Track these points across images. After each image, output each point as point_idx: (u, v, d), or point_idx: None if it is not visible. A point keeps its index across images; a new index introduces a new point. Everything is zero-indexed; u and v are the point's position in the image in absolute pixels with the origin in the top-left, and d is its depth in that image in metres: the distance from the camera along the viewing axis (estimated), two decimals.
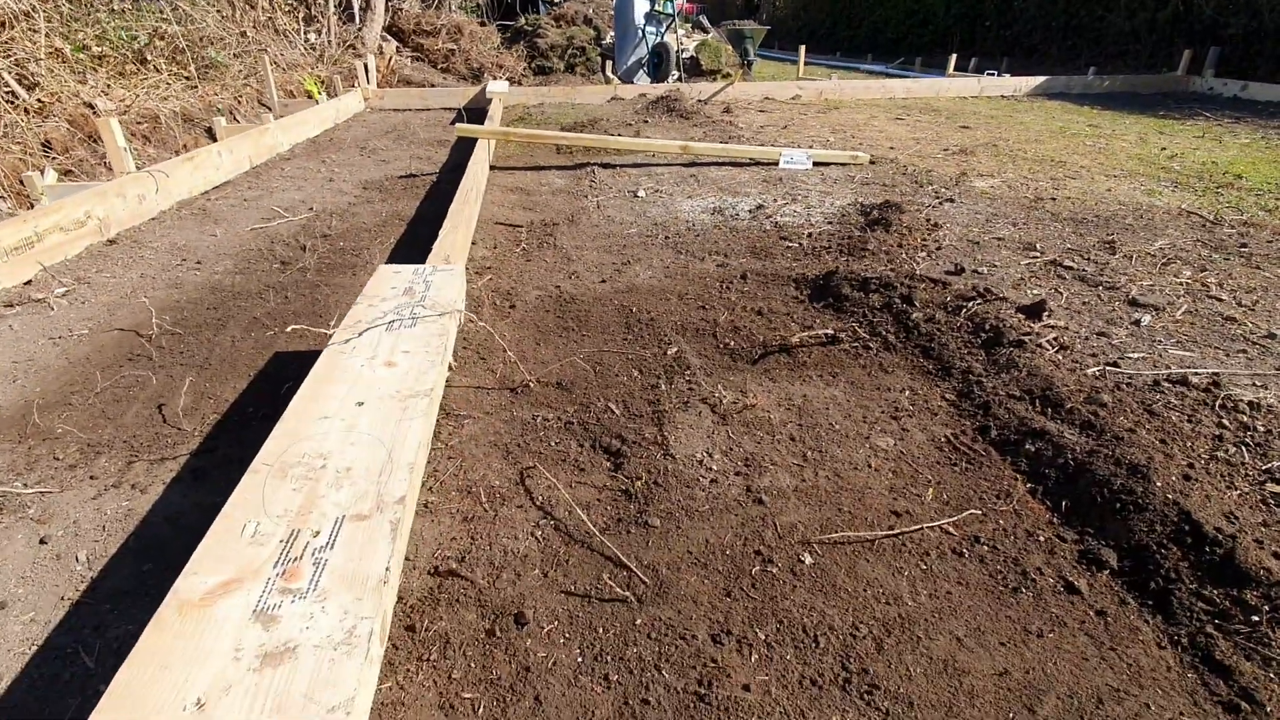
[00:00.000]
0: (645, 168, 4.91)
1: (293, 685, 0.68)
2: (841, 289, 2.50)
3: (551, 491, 1.54)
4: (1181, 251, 3.04)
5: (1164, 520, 1.31)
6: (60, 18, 5.24)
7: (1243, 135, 6.07)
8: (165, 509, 1.48)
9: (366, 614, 0.77)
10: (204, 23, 6.91)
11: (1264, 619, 1.13)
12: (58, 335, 2.33)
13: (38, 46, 4.81)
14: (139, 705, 0.67)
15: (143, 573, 1.32)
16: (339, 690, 0.67)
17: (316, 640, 0.73)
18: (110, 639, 1.17)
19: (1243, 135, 6.07)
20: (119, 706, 0.67)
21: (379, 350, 1.41)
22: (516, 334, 2.37)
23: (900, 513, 1.45)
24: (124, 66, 5.68)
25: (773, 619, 1.19)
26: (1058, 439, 1.58)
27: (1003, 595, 1.25)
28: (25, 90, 4.47)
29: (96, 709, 0.68)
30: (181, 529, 1.42)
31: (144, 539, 1.40)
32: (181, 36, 6.39)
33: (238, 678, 0.69)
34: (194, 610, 0.77)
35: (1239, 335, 2.20)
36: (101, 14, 5.63)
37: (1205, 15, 8.88)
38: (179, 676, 0.69)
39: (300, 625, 0.75)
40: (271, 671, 0.69)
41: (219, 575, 0.81)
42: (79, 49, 5.28)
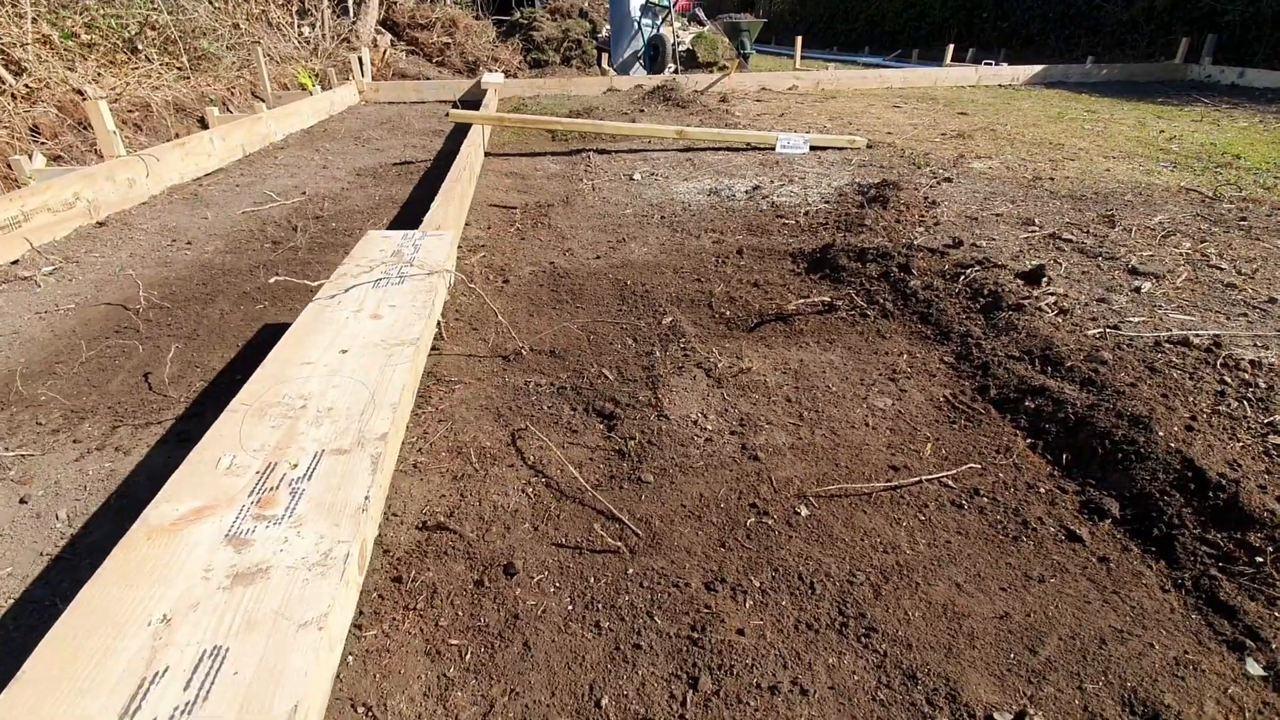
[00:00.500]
0: (641, 153, 4.88)
1: (264, 603, 0.65)
2: (839, 260, 2.47)
3: (543, 451, 1.51)
4: (1181, 225, 3.02)
5: (1167, 468, 1.29)
6: (48, 4, 5.21)
7: (1240, 119, 6.05)
8: (148, 469, 1.45)
9: (344, 538, 0.74)
10: (196, 13, 6.87)
11: (1268, 560, 1.10)
12: (44, 310, 2.30)
13: (24, 32, 4.77)
14: (102, 620, 0.64)
15: (123, 529, 1.28)
16: (312, 607, 0.64)
17: (290, 562, 0.71)
18: None
19: (1240, 119, 6.05)
20: (81, 621, 0.64)
21: (365, 304, 1.38)
22: (509, 306, 2.34)
23: (898, 467, 1.43)
24: (114, 55, 5.64)
25: (768, 567, 1.17)
26: (1058, 395, 1.56)
27: (1003, 544, 1.22)
28: (12, 76, 4.43)
29: (58, 622, 0.65)
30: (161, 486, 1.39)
31: (126, 497, 1.37)
32: (173, 26, 6.35)
33: (206, 596, 0.66)
34: (163, 535, 0.74)
35: (1240, 300, 2.17)
36: (90, 1, 5.59)
37: (1203, 2, 8.86)
38: (145, 594, 0.67)
39: (274, 548, 0.72)
40: (242, 590, 0.67)
41: (191, 503, 0.79)
42: (67, 36, 5.25)
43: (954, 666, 0.97)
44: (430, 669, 0.98)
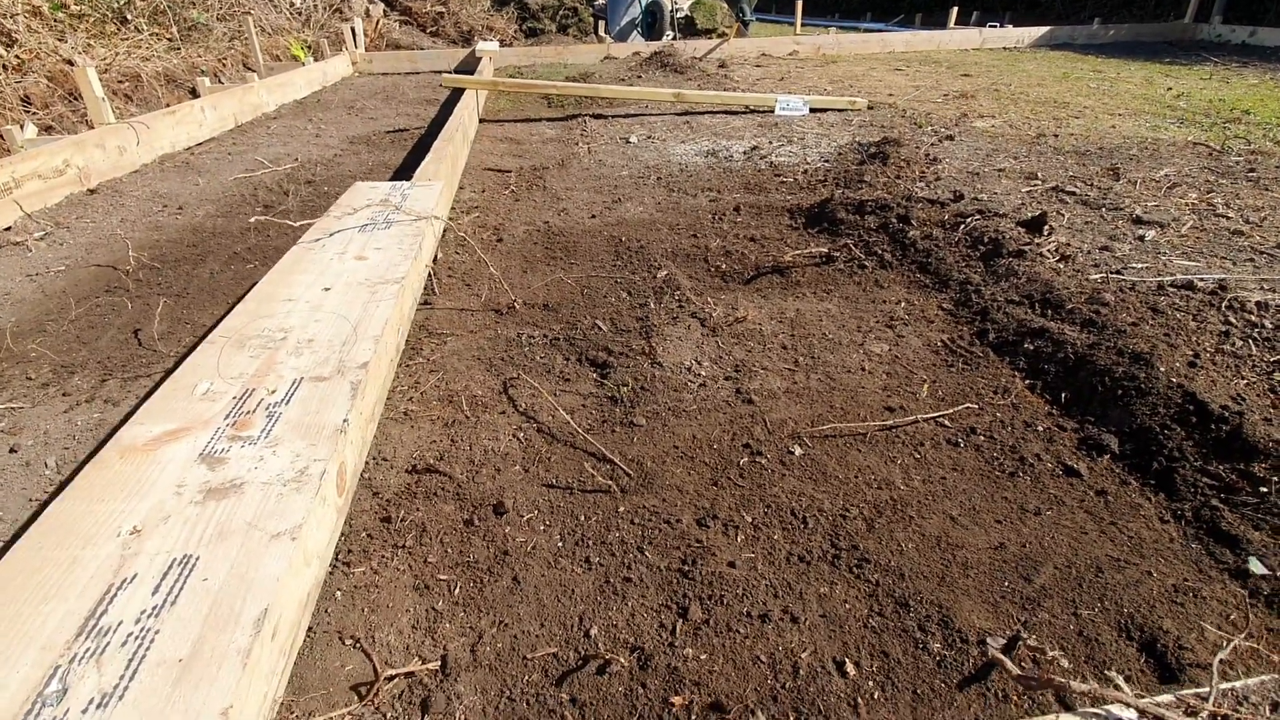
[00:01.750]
0: (638, 117, 4.80)
1: (236, 515, 0.64)
2: (837, 214, 2.43)
3: (535, 399, 1.50)
4: (1188, 177, 2.96)
5: (1168, 403, 1.26)
6: None
7: (1250, 77, 5.92)
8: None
9: (320, 457, 0.73)
10: None
11: (1273, 489, 1.08)
12: (34, 273, 2.28)
13: (14, 3, 4.69)
14: (69, 533, 0.63)
15: None
16: (286, 520, 0.63)
17: (265, 479, 0.69)
18: None
19: (1250, 77, 5.92)
20: (48, 534, 0.63)
21: (350, 247, 1.35)
22: (503, 263, 2.31)
23: (894, 408, 1.41)
24: (104, 26, 5.55)
25: (760, 504, 1.15)
26: (1058, 336, 1.53)
27: (999, 480, 1.20)
28: (3, 47, 4.36)
29: (23, 536, 0.64)
30: None
31: None
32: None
33: (178, 509, 0.65)
34: (136, 454, 0.73)
35: (1247, 247, 2.13)
36: None
37: None
38: (115, 508, 0.65)
39: (249, 466, 0.71)
40: (215, 504, 0.65)
41: (165, 425, 0.77)
42: (57, 7, 5.16)
43: (947, 594, 0.96)
44: (419, 603, 0.98)
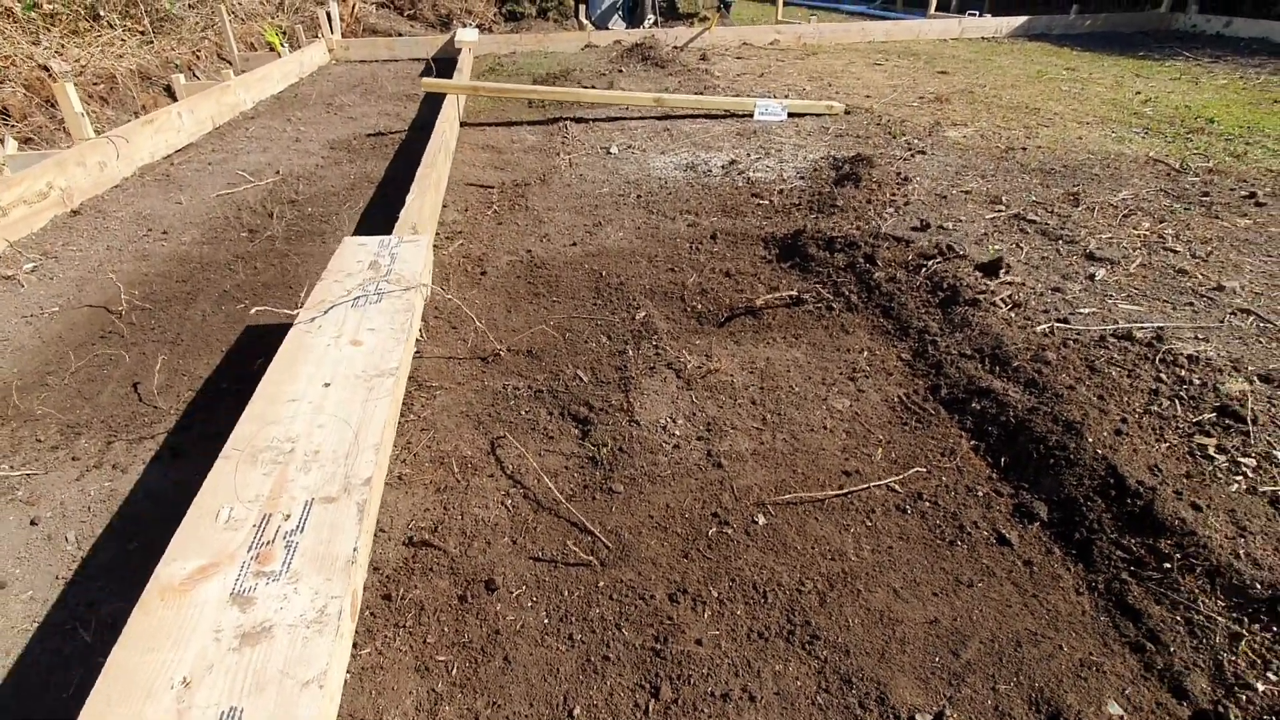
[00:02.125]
0: (619, 121, 4.84)
1: (270, 662, 0.75)
2: (808, 249, 2.54)
3: (521, 460, 1.61)
4: (1144, 202, 3.09)
5: (1092, 475, 1.41)
6: None
7: (1220, 75, 6.05)
8: (146, 488, 1.54)
9: (336, 594, 0.83)
10: None
11: (1175, 566, 1.23)
12: (29, 314, 2.33)
13: None
14: (132, 685, 0.73)
15: (129, 551, 1.38)
16: (312, 666, 0.74)
17: (290, 620, 0.80)
18: (104, 615, 1.24)
19: (1220, 75, 6.05)
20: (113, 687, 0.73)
21: (344, 328, 1.44)
22: (487, 301, 2.40)
23: (851, 472, 1.54)
24: (76, 24, 5.44)
25: (726, 577, 1.28)
26: (1002, 397, 1.66)
27: (939, 548, 1.34)
28: None
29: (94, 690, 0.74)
30: (163, 506, 1.48)
31: (127, 518, 1.46)
32: None
33: (219, 657, 0.76)
34: (175, 595, 0.83)
35: (1188, 288, 2.27)
36: None
37: None
38: (166, 657, 0.76)
39: (275, 606, 0.82)
40: (250, 650, 0.76)
41: (197, 560, 0.88)
42: (29, 7, 5.05)
43: (885, 671, 1.10)
44: (420, 684, 1.10)
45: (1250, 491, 1.41)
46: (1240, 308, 2.13)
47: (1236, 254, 2.57)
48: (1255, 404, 1.65)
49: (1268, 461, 1.48)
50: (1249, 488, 1.42)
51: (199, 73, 6.44)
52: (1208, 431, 1.57)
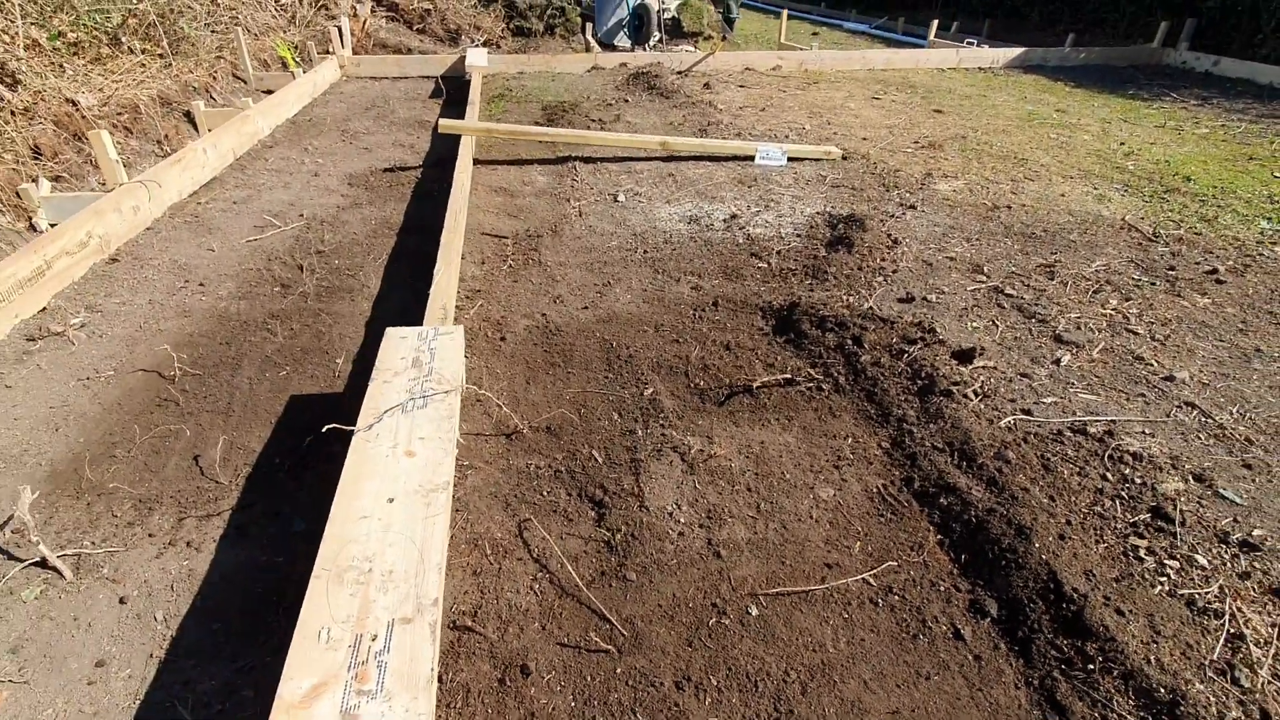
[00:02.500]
0: (625, 162, 5.05)
1: None
2: (801, 324, 2.77)
3: (545, 544, 1.84)
4: (1115, 275, 3.34)
5: (1036, 578, 1.65)
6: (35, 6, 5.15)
7: (1204, 122, 6.30)
8: (221, 568, 1.76)
9: (422, 711, 1.06)
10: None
11: (1098, 667, 1.47)
12: (86, 376, 2.54)
13: (15, 41, 4.76)
14: None
15: (213, 631, 1.61)
16: None
17: None
18: (200, 693, 1.47)
19: (1204, 122, 6.30)
20: None
21: (399, 437, 1.67)
22: (508, 370, 2.62)
23: (832, 565, 1.78)
24: (99, 51, 5.61)
25: (724, 666, 1.52)
26: (966, 495, 1.90)
27: (904, 641, 1.58)
28: (9, 90, 4.47)
29: None
30: (238, 589, 1.71)
31: (207, 598, 1.69)
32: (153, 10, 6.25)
33: None
34: (297, 712, 1.06)
35: (1143, 377, 2.52)
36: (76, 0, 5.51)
37: None
38: None
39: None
40: None
41: (310, 679, 1.10)
42: (55, 37, 5.22)
43: None
44: None
45: (1170, 594, 1.65)
46: (1186, 400, 2.38)
47: (1193, 336, 2.81)
48: (1185, 505, 1.89)
49: (1189, 564, 1.73)
50: (1169, 590, 1.66)
51: (215, 94, 6.62)
52: (1141, 533, 1.81)
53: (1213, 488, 1.99)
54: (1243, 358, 2.66)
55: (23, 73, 4.66)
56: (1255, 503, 1.95)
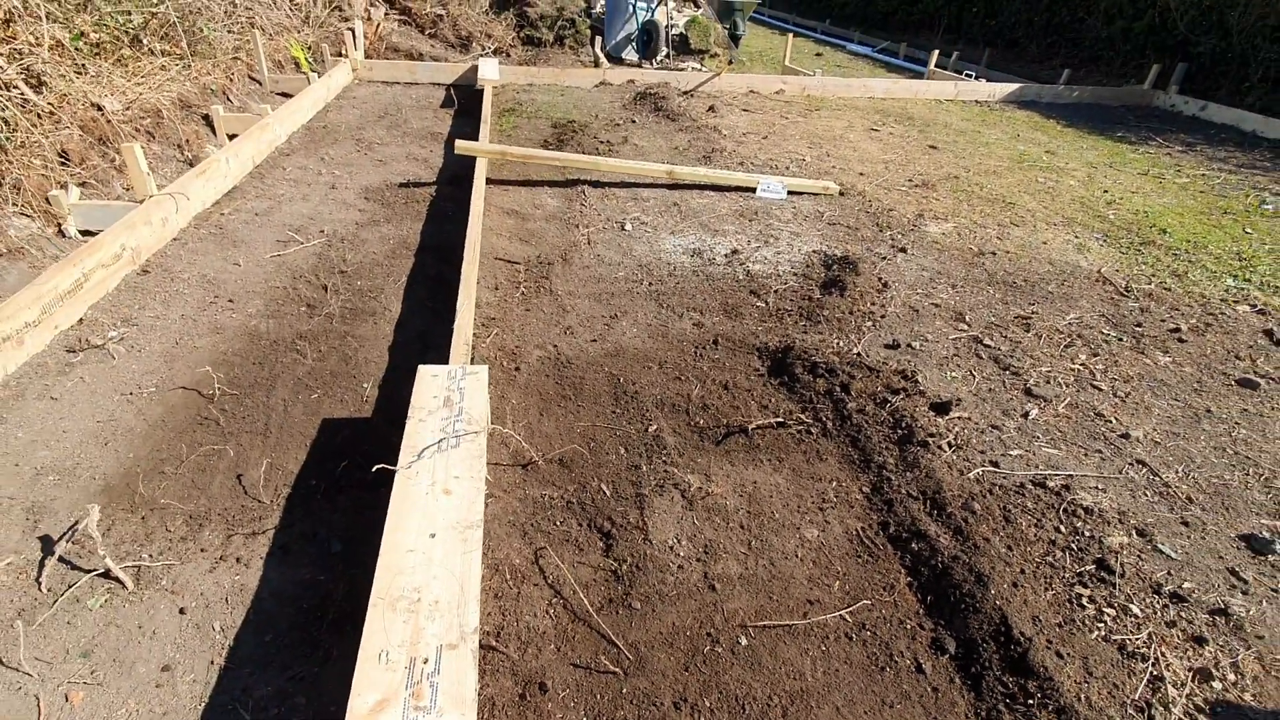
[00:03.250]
0: (633, 189, 5.27)
1: None
2: (794, 368, 3.00)
3: (559, 571, 2.06)
4: (1086, 329, 3.59)
5: (990, 621, 1.88)
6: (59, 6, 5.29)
7: (1186, 170, 6.60)
8: (269, 585, 1.97)
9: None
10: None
11: (1036, 703, 1.71)
12: (129, 391, 2.73)
13: (41, 42, 4.90)
14: None
15: (266, 643, 1.81)
16: None
17: None
18: (258, 698, 1.68)
19: (1186, 170, 6.60)
20: None
21: (436, 475, 1.88)
22: (523, 401, 2.84)
23: (814, 601, 2.01)
24: (120, 52, 5.75)
25: (716, 690, 1.75)
26: (935, 541, 2.14)
27: (873, 673, 1.82)
28: (34, 93, 4.61)
29: None
30: (286, 603, 1.91)
31: (259, 612, 1.89)
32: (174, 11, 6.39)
33: None
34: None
35: (1101, 433, 2.77)
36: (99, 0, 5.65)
37: (1178, 31, 9.25)
38: None
39: None
40: None
41: (374, 695, 1.31)
42: (77, 38, 5.36)
43: None
44: None
45: (1105, 639, 1.89)
46: (1138, 458, 2.63)
47: (1151, 395, 3.07)
48: (1126, 558, 2.14)
49: (1124, 613, 1.97)
50: (1104, 635, 1.90)
51: (232, 96, 6.78)
52: (1085, 583, 2.05)
53: (1152, 542, 2.24)
54: (1194, 418, 2.91)
55: (48, 74, 4.81)
56: (1188, 557, 2.20)
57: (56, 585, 1.95)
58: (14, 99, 4.37)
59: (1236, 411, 2.98)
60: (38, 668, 1.75)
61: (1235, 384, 3.17)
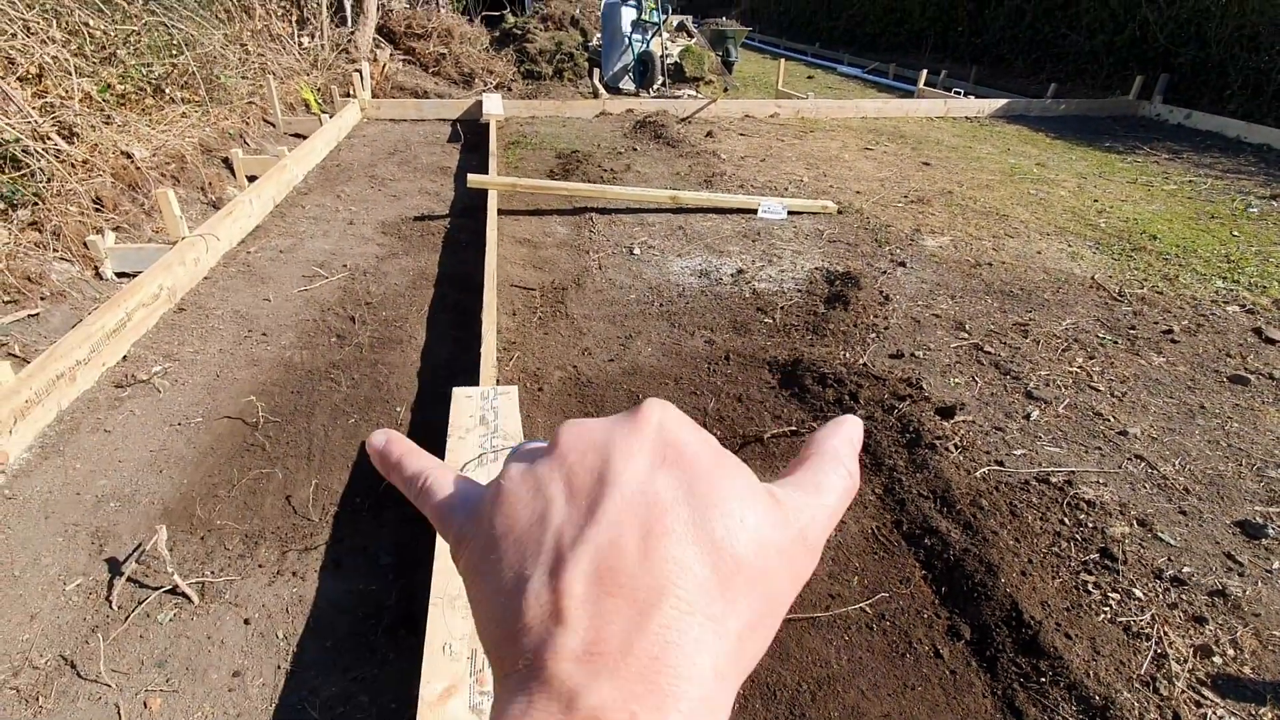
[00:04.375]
0: (638, 214, 5.47)
1: None
2: (804, 380, 3.15)
3: None
4: (1082, 333, 3.74)
5: (1001, 607, 2.01)
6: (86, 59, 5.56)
7: (1174, 177, 6.79)
8: (325, 596, 2.10)
9: None
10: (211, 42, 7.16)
11: (1048, 680, 1.83)
12: (176, 422, 2.89)
13: (71, 95, 5.16)
14: None
15: (327, 648, 1.95)
16: None
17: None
18: (324, 699, 1.81)
19: (1174, 177, 6.79)
20: None
21: None
22: (548, 420, 2.99)
23: (834, 595, 2.14)
24: (145, 102, 6.02)
25: (748, 679, 1.87)
26: (946, 536, 2.27)
27: (894, 659, 1.94)
28: (68, 144, 4.85)
29: None
30: (342, 612, 2.05)
31: (318, 620, 2.03)
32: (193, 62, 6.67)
33: None
34: (437, 707, 1.40)
35: (1100, 432, 2.90)
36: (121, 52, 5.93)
37: (1159, 43, 9.52)
38: None
39: None
40: None
41: (441, 683, 1.44)
42: (104, 89, 5.62)
43: None
44: None
45: (1110, 621, 2.02)
46: (1136, 453, 2.76)
47: (1147, 393, 3.21)
48: (1129, 546, 2.27)
49: (1128, 597, 2.10)
50: (1110, 618, 2.03)
51: (249, 139, 7.03)
52: (1090, 570, 2.18)
53: (1153, 531, 2.36)
54: (1188, 414, 3.05)
55: (79, 126, 5.05)
56: (1187, 544, 2.33)
57: (127, 603, 2.09)
58: (49, 150, 4.60)
59: (1229, 407, 3.11)
60: (116, 679, 1.88)
61: (1227, 381, 3.31)
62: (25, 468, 2.60)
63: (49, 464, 2.62)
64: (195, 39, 6.91)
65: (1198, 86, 9.28)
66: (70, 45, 5.49)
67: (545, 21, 11.27)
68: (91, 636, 1.99)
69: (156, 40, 6.40)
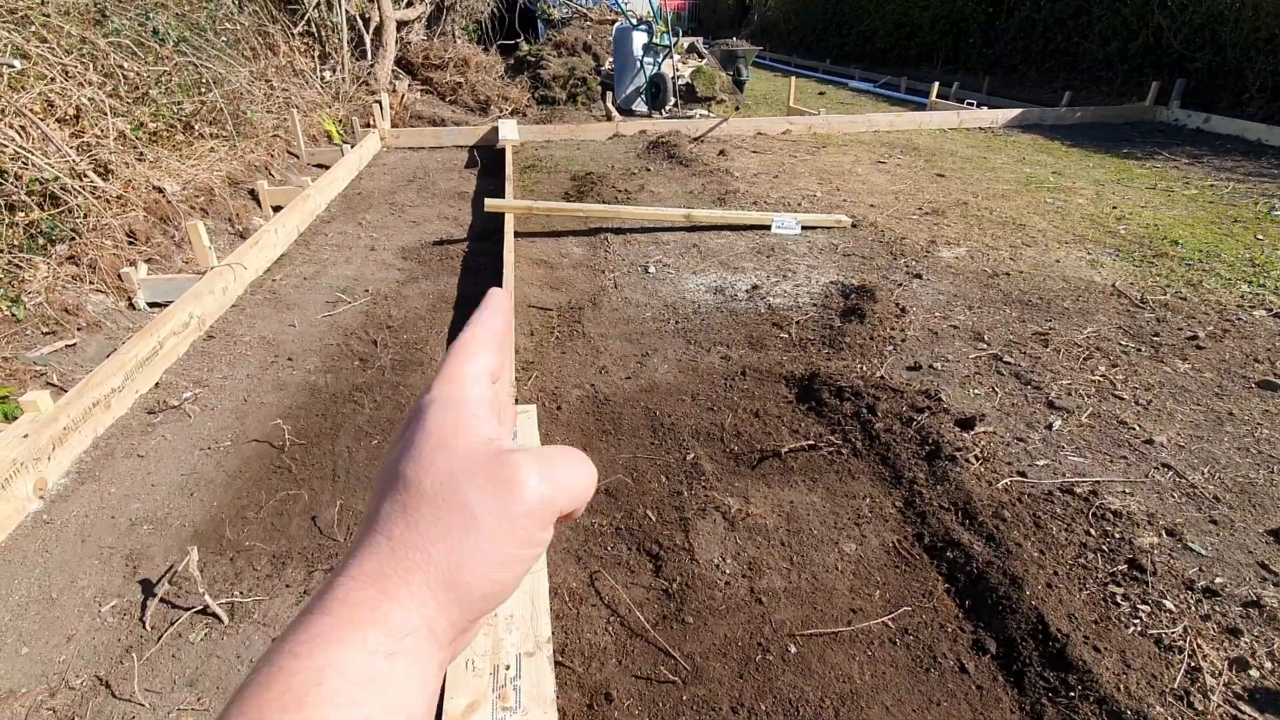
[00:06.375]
0: (653, 233, 5.53)
1: None
2: (821, 394, 3.15)
3: (614, 592, 2.20)
4: (1104, 341, 3.70)
5: (1027, 620, 1.98)
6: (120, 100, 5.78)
7: (1194, 181, 6.71)
8: None
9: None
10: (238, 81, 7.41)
11: (1078, 694, 1.80)
12: (206, 446, 2.96)
13: (106, 134, 5.36)
14: None
15: None
16: None
17: None
18: None
19: (1194, 181, 6.71)
20: None
21: None
22: (566, 437, 3.01)
23: (856, 609, 2.12)
24: (175, 138, 6.23)
25: (770, 695, 1.86)
26: (969, 549, 2.25)
27: (918, 674, 1.92)
28: (103, 181, 5.04)
29: None
30: None
31: None
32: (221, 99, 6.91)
33: None
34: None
35: (1125, 440, 2.86)
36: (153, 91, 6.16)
37: (1173, 49, 9.46)
38: None
39: None
40: None
41: (465, 698, 1.46)
42: (137, 128, 5.83)
43: None
44: None
45: (1141, 634, 1.98)
46: (1164, 462, 2.71)
47: (1173, 401, 3.16)
48: (1158, 557, 2.23)
49: (1158, 608, 2.06)
50: (1140, 630, 1.99)
51: (274, 170, 7.24)
52: (1118, 582, 2.14)
53: (1182, 541, 2.32)
54: (1216, 421, 3.00)
55: (114, 163, 5.25)
56: (1219, 554, 2.28)
57: (159, 623, 2.14)
58: (86, 187, 4.78)
59: (1258, 413, 3.05)
60: (149, 698, 1.93)
61: (1256, 386, 3.25)
62: (63, 493, 2.68)
63: (85, 489, 2.70)
64: (223, 77, 7.16)
65: (1215, 90, 9.19)
66: (105, 87, 5.71)
67: (558, 48, 11.50)
68: (126, 657, 2.04)
69: (186, 79, 6.64)
